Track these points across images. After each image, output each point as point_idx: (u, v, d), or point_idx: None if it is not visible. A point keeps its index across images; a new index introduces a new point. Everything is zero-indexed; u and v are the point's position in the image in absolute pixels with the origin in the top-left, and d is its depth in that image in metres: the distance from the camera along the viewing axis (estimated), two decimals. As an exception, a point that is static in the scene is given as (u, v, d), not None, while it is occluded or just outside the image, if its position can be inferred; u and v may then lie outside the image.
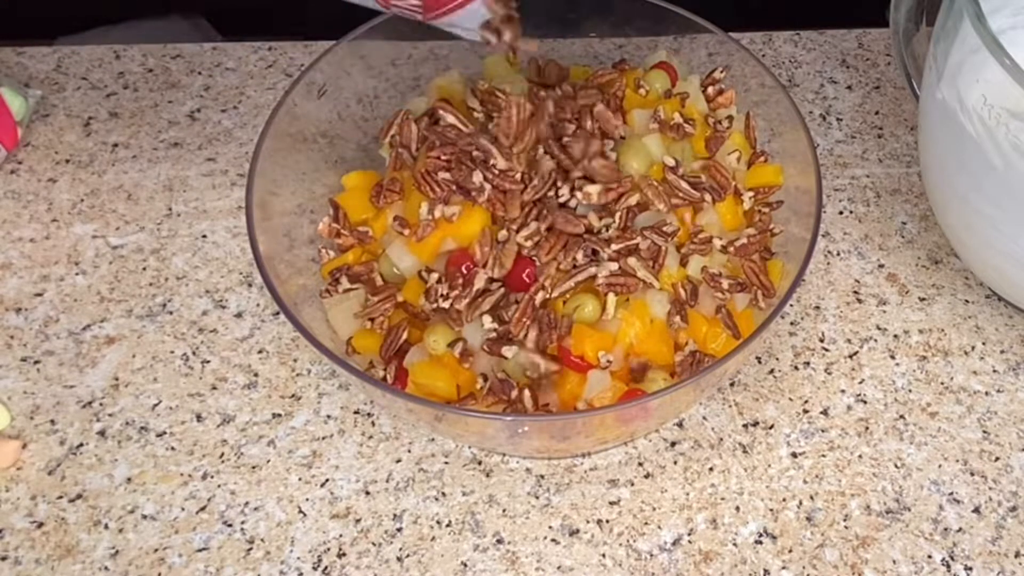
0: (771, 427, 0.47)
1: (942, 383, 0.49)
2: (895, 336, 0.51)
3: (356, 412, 0.48)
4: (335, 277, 0.47)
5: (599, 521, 0.44)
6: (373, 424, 0.47)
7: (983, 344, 0.50)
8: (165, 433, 0.47)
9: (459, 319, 0.43)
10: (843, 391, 0.48)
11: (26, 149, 0.59)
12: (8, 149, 0.58)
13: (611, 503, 0.44)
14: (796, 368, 0.49)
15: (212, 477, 0.45)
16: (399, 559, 0.43)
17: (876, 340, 0.50)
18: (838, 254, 0.54)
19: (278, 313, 0.51)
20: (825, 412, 0.48)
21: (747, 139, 0.51)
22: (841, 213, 0.56)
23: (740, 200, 0.48)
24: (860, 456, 0.46)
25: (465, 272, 0.44)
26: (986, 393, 0.48)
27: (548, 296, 0.43)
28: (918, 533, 0.43)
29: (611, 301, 0.43)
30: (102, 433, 0.47)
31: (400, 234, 0.46)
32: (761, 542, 0.43)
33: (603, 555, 0.43)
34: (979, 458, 0.46)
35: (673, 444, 0.46)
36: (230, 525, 0.44)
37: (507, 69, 0.52)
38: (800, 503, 0.44)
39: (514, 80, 0.50)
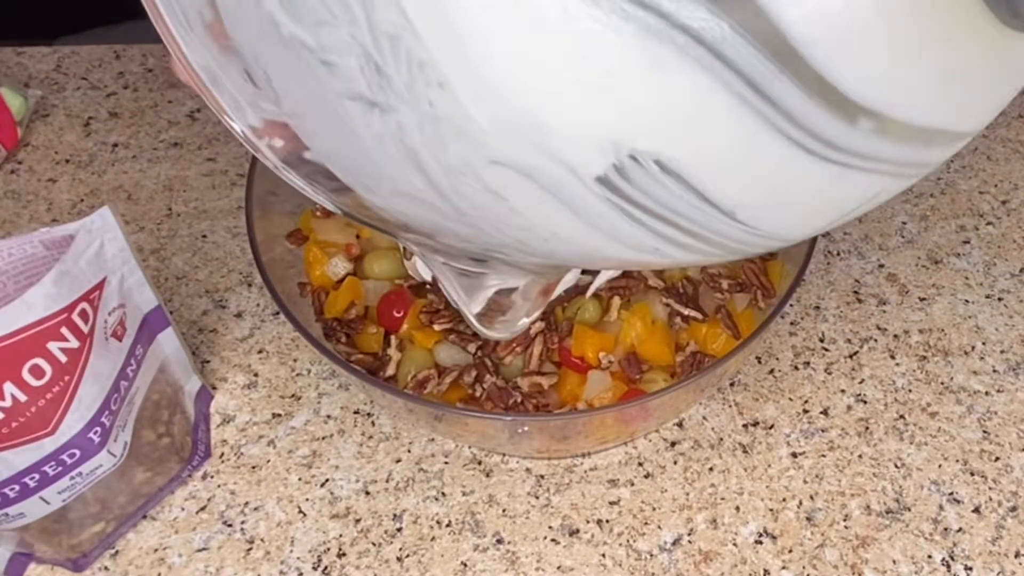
0: (771, 427, 0.47)
1: (942, 383, 0.49)
2: (895, 336, 0.51)
3: (356, 412, 0.48)
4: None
5: (599, 521, 0.44)
6: (373, 424, 0.47)
7: (983, 344, 0.50)
8: (165, 433, 0.47)
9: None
10: (843, 391, 0.48)
11: (26, 149, 0.59)
12: (8, 149, 0.58)
13: (611, 503, 0.44)
14: (796, 368, 0.49)
15: (212, 477, 0.45)
16: (399, 559, 0.43)
17: (876, 340, 0.50)
18: (838, 254, 0.54)
19: (278, 313, 0.51)
20: (825, 412, 0.48)
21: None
22: (841, 213, 0.56)
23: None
24: (860, 456, 0.46)
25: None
26: (986, 393, 0.48)
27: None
28: (918, 533, 0.43)
29: (615, 303, 0.43)
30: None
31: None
32: (761, 542, 0.43)
33: (603, 555, 0.43)
34: (979, 458, 0.46)
35: (673, 444, 0.46)
36: (230, 525, 0.44)
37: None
38: (800, 503, 0.44)
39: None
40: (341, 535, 0.43)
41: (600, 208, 0.21)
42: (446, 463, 0.46)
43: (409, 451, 0.46)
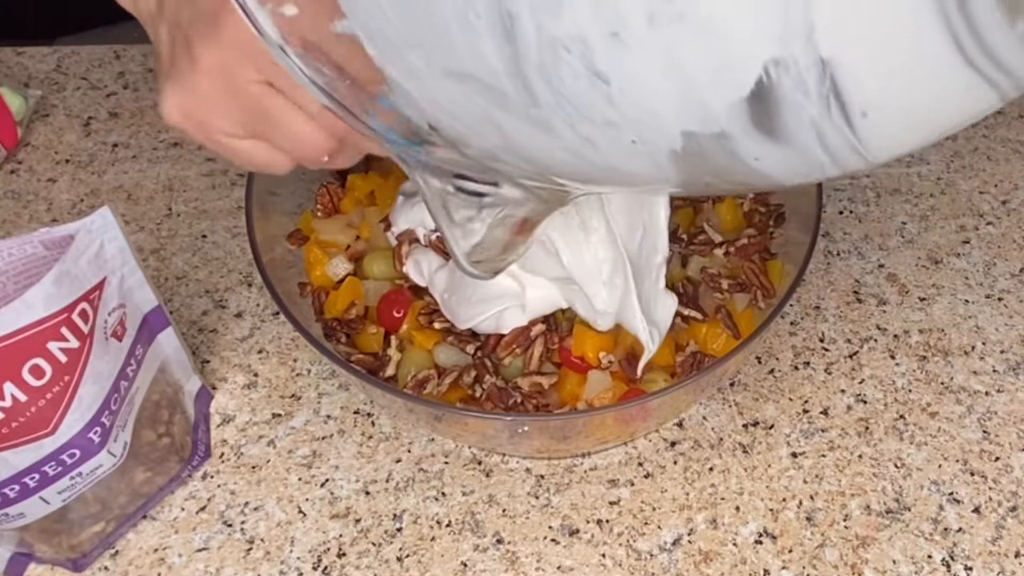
0: (771, 427, 0.47)
1: (942, 383, 0.49)
2: (895, 336, 0.51)
3: (356, 412, 0.48)
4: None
5: (599, 521, 0.44)
6: (373, 424, 0.47)
7: (983, 344, 0.50)
8: (165, 433, 0.47)
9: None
10: (843, 391, 0.48)
11: (26, 149, 0.59)
12: (8, 149, 0.58)
13: (611, 503, 0.44)
14: (796, 368, 0.49)
15: (212, 477, 0.45)
16: (399, 559, 0.43)
17: (876, 340, 0.50)
18: (838, 254, 0.54)
19: (278, 313, 0.51)
20: (825, 412, 0.48)
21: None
22: (841, 213, 0.56)
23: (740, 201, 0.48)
24: (860, 456, 0.46)
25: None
26: (986, 393, 0.48)
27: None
28: (918, 533, 0.43)
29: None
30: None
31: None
32: (761, 542, 0.43)
33: (603, 555, 0.43)
34: (979, 458, 0.46)
35: (673, 444, 0.46)
36: (230, 525, 0.44)
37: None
38: (800, 503, 0.44)
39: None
40: (341, 535, 0.43)
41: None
42: (446, 463, 0.46)
43: (409, 451, 0.46)
